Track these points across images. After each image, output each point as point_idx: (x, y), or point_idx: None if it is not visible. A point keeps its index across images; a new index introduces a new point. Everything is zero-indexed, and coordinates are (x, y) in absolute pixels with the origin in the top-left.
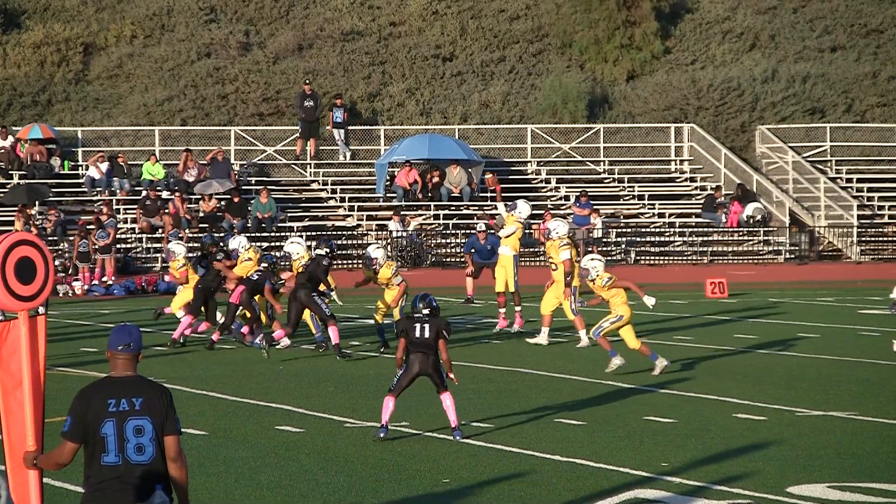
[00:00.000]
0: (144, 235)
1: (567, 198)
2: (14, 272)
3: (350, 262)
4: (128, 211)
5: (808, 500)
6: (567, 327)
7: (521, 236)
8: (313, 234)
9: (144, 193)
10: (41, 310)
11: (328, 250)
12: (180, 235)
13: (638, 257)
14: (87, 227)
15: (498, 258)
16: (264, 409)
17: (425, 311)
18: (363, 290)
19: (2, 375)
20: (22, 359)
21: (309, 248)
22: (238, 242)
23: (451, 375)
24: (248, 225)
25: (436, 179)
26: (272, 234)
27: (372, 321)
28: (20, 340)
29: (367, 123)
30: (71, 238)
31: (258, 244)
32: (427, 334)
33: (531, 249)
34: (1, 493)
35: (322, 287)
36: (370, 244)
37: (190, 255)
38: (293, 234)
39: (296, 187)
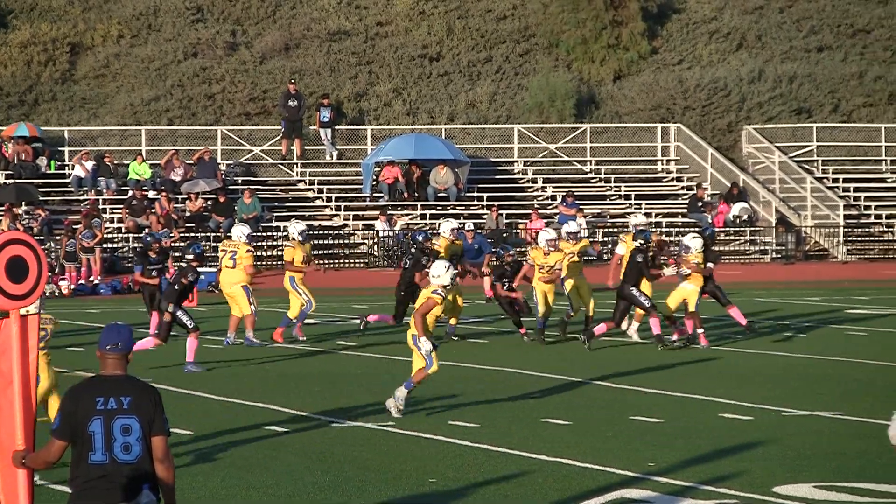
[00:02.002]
0: (131, 235)
1: (553, 198)
2: (5, 270)
3: (338, 261)
4: (114, 210)
5: (794, 499)
6: (554, 324)
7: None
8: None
9: (131, 193)
10: (32, 309)
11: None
12: (171, 234)
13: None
14: (74, 226)
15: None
16: (251, 408)
17: None
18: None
19: None
20: (13, 358)
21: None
22: (240, 232)
23: None
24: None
25: (417, 174)
26: (257, 233)
27: (359, 321)
28: (10, 340)
29: (353, 123)
30: (58, 237)
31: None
32: None
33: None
34: None
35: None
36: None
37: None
38: (278, 233)
39: (282, 187)
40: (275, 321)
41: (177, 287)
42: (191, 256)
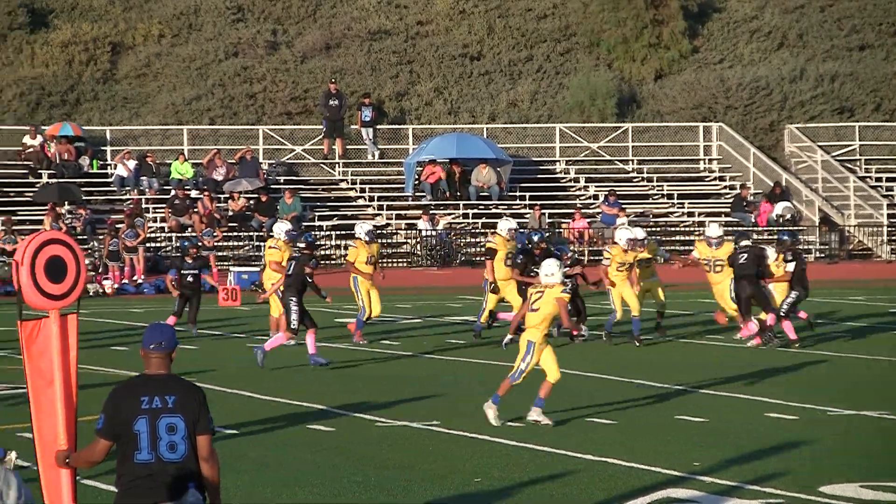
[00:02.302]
0: (174, 234)
1: (596, 197)
2: (44, 271)
3: (380, 261)
4: (157, 210)
5: (841, 499)
6: (598, 325)
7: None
8: (341, 233)
9: (173, 192)
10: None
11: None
12: (215, 234)
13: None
14: (117, 226)
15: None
16: (295, 407)
17: None
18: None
19: (32, 374)
20: (53, 357)
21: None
22: (279, 229)
23: None
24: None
25: (459, 173)
26: (297, 233)
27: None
28: (50, 339)
29: (394, 122)
30: (100, 237)
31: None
32: None
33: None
34: (11, 486)
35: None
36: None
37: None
38: (321, 232)
39: (324, 186)
40: (317, 321)
41: (300, 278)
42: (302, 244)
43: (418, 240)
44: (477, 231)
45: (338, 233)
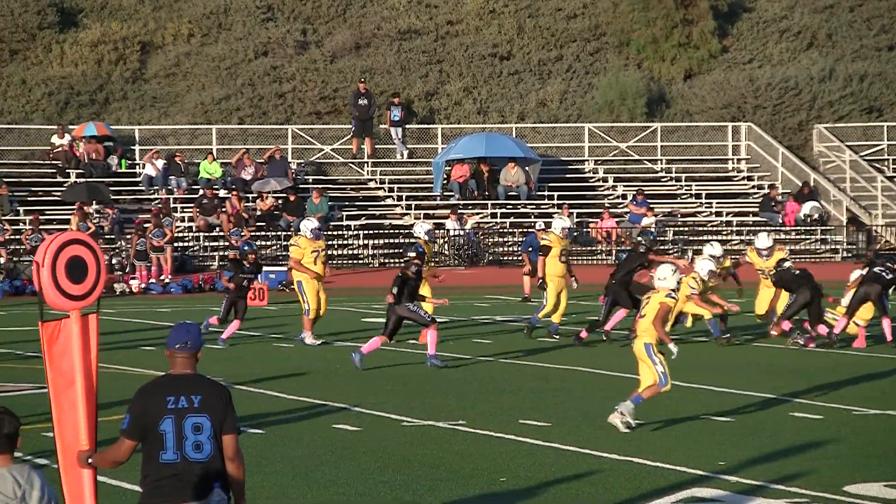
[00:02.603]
0: (202, 234)
1: (624, 196)
2: (65, 271)
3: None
4: (185, 209)
5: (865, 498)
6: (624, 326)
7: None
8: (370, 232)
9: (202, 192)
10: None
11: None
12: (242, 234)
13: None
14: (145, 225)
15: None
16: (321, 407)
17: None
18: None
19: (53, 375)
20: (74, 357)
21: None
22: (306, 226)
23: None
24: None
25: (487, 172)
26: (326, 232)
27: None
28: (71, 340)
29: (424, 122)
30: (128, 236)
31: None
32: None
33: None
34: (34, 486)
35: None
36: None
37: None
38: (349, 231)
39: (353, 186)
40: (344, 321)
41: (405, 282)
42: (412, 254)
43: (446, 239)
44: (505, 231)
45: (366, 232)
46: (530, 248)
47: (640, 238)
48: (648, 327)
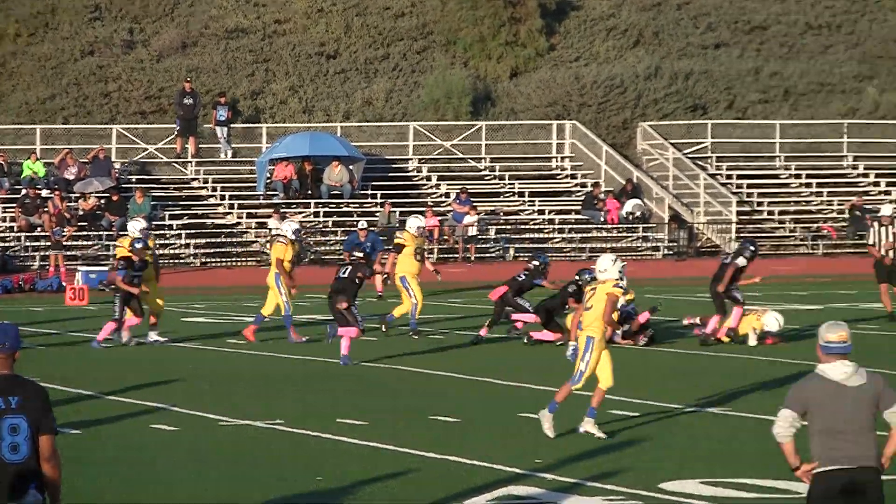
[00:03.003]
0: (23, 234)
1: (447, 195)
2: None
3: (231, 259)
4: (7, 209)
5: (681, 495)
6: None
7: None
8: (192, 231)
9: (24, 191)
10: None
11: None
12: (63, 233)
13: (517, 254)
14: None
15: None
16: (139, 407)
17: None
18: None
19: None
20: None
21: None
22: (134, 227)
23: None
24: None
25: (310, 170)
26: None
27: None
28: None
29: (249, 121)
30: None
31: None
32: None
33: None
34: None
35: None
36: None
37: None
38: (171, 231)
39: (176, 185)
40: (167, 320)
41: (355, 282)
42: (360, 254)
43: (268, 238)
44: (328, 229)
45: (188, 231)
46: (353, 248)
47: (535, 263)
48: (595, 320)
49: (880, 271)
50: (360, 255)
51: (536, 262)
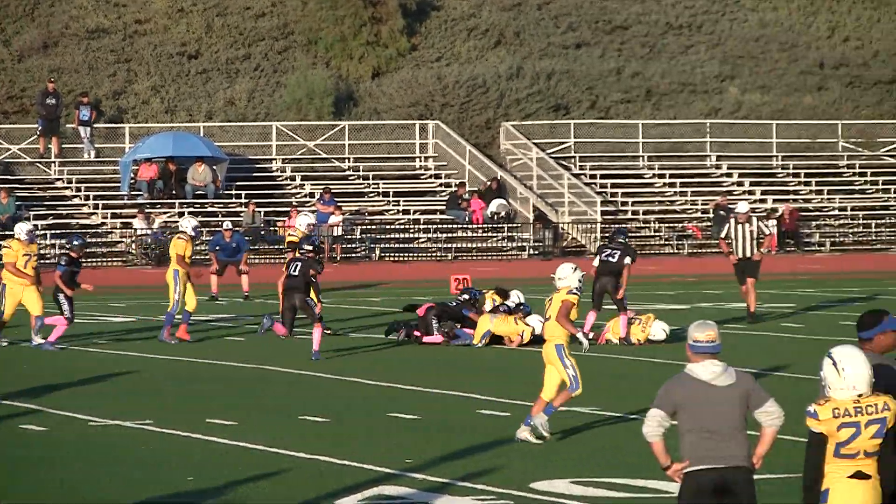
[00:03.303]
0: None
1: (312, 195)
2: None
3: (96, 260)
4: None
5: (551, 495)
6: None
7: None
8: (57, 232)
9: None
10: None
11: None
12: None
13: (382, 254)
14: None
15: None
16: (7, 408)
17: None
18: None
19: None
20: None
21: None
22: (21, 229)
23: None
24: None
25: (174, 171)
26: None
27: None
28: None
29: (112, 121)
30: None
31: None
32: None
33: None
34: None
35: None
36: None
37: None
38: (36, 231)
39: (40, 185)
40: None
41: (305, 279)
42: (309, 247)
43: (133, 238)
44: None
45: (53, 232)
46: (217, 248)
47: (466, 297)
48: (555, 327)
49: (740, 270)
50: (309, 248)
51: (467, 296)
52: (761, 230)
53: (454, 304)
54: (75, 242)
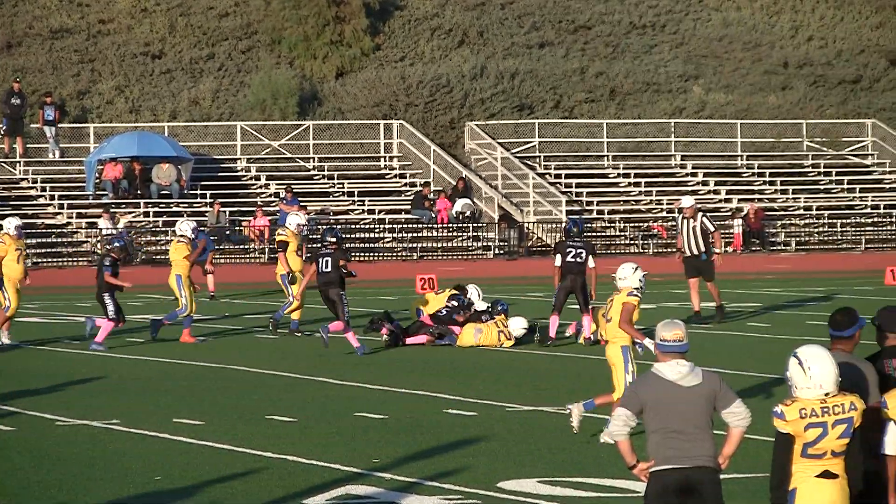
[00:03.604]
0: None
1: (277, 195)
2: None
3: (61, 260)
4: None
5: (519, 494)
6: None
7: None
8: (24, 231)
9: None
10: None
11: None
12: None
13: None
14: None
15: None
16: None
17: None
18: None
19: None
20: None
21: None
22: (10, 224)
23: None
24: None
25: (139, 171)
26: None
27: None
28: None
29: (77, 121)
30: None
31: None
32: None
33: None
34: None
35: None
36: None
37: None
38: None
39: (5, 185)
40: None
41: (338, 272)
42: (332, 239)
43: (99, 238)
44: (158, 229)
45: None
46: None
47: (454, 303)
48: (618, 330)
49: (688, 267)
50: (332, 240)
51: (455, 303)
52: (706, 226)
53: (443, 313)
54: (116, 244)
